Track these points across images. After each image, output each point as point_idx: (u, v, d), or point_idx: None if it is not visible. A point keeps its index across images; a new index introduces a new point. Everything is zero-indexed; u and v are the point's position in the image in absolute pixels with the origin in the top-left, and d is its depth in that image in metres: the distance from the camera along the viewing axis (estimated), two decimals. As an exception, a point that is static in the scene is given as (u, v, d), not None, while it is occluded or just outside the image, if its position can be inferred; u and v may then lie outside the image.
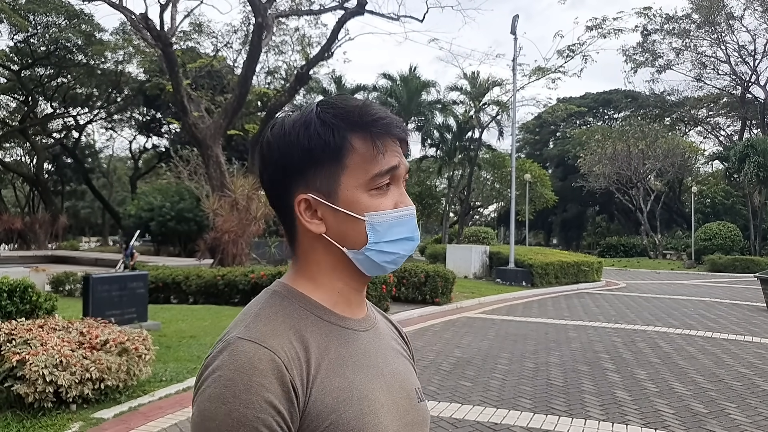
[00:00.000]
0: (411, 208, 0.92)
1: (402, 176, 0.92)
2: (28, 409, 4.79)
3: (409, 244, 0.92)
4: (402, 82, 32.77)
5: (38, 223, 31.68)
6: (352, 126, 0.88)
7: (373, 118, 0.89)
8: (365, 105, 0.91)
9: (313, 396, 0.83)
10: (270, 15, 18.28)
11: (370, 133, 0.88)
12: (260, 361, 0.80)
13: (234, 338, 0.84)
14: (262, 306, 0.90)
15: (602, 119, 52.82)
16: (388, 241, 0.90)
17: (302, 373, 0.83)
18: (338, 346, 0.89)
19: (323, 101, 0.92)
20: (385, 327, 1.04)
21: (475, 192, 38.14)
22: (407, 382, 0.97)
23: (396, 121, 0.91)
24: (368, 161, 0.88)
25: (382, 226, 0.89)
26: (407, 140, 0.94)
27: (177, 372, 6.33)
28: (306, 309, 0.90)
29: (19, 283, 6.40)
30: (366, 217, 0.89)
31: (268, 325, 0.85)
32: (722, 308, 13.51)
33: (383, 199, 0.89)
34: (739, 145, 33.34)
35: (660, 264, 32.39)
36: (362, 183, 0.88)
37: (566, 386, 6.41)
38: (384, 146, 0.89)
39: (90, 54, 34.53)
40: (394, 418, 0.90)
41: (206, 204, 17.16)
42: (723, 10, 38.08)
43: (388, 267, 0.92)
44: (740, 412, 5.54)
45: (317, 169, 0.89)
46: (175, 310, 10.97)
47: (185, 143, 29.33)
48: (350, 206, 0.89)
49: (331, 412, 0.83)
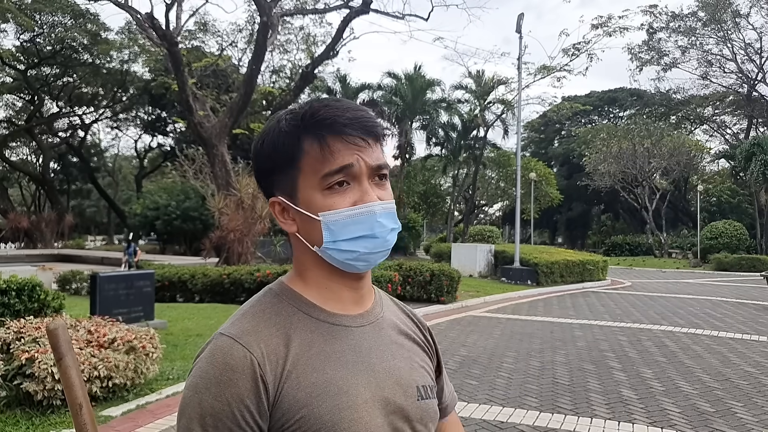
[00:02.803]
0: (370, 205, 0.91)
1: (363, 173, 0.91)
2: (36, 407, 4.82)
3: (370, 241, 0.91)
4: (407, 80, 32.73)
5: (44, 222, 31.83)
6: (302, 130, 0.91)
7: (319, 119, 0.91)
8: (315, 106, 0.93)
9: (284, 391, 0.86)
10: (275, 14, 18.30)
11: (317, 134, 0.90)
12: (232, 356, 0.85)
13: (217, 334, 0.90)
14: (252, 304, 0.95)
15: (607, 118, 52.66)
16: (345, 239, 0.91)
17: (276, 368, 0.86)
18: (323, 342, 0.91)
19: (289, 108, 0.97)
20: (392, 323, 1.03)
21: (480, 191, 38.11)
22: (406, 379, 0.97)
23: (347, 119, 0.91)
24: (318, 162, 0.90)
25: (336, 225, 0.90)
26: (375, 136, 0.93)
27: (184, 370, 6.36)
28: (295, 306, 0.94)
29: (27, 282, 6.43)
30: (320, 217, 0.91)
31: (251, 323, 0.90)
32: (728, 307, 13.47)
33: (338, 197, 0.91)
34: (745, 144, 33.20)
35: (666, 263, 32.29)
36: (315, 183, 0.91)
37: (572, 385, 6.41)
38: (332, 146, 0.90)
39: (96, 53, 34.65)
40: (380, 414, 0.91)
41: (212, 203, 17.20)
42: (729, 7, 37.90)
43: (356, 264, 0.93)
44: (747, 411, 5.53)
45: (281, 174, 0.94)
46: (181, 309, 11.01)
47: (190, 142, 29.40)
48: (308, 207, 0.92)
49: (302, 407, 0.86)
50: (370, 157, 0.92)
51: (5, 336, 5.14)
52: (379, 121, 0.96)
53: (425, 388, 1.00)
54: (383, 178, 0.95)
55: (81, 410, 0.99)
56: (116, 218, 44.27)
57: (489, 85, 33.19)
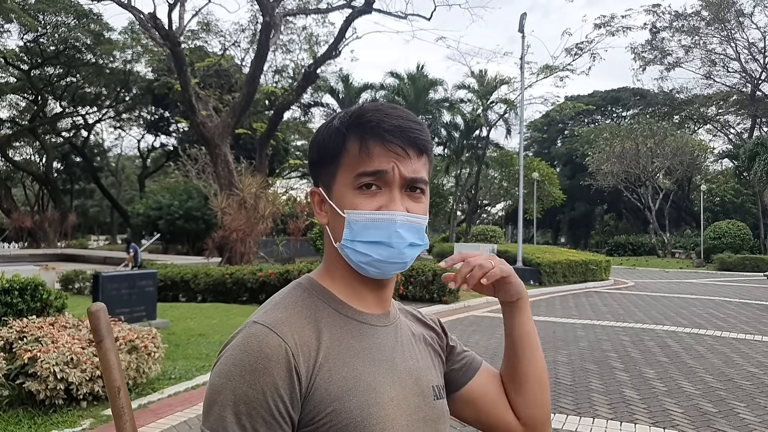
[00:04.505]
0: (392, 213, 0.91)
1: (395, 182, 0.92)
2: (39, 406, 4.83)
3: (385, 249, 0.92)
4: (409, 80, 32.74)
5: (48, 222, 31.93)
6: (349, 129, 0.94)
7: (364, 120, 0.94)
8: (365, 108, 0.96)
9: (317, 383, 0.87)
10: (278, 14, 18.32)
11: (359, 135, 0.93)
12: (268, 345, 0.85)
13: (251, 322, 0.90)
14: (284, 296, 0.96)
15: (610, 117, 52.56)
16: (362, 241, 0.92)
17: (309, 360, 0.87)
18: (351, 338, 0.93)
19: (351, 108, 0.99)
20: (407, 325, 1.06)
21: (482, 190, 38.09)
22: (423, 380, 0.99)
23: (391, 125, 0.93)
24: (356, 161, 0.92)
25: (357, 225, 0.92)
26: (416, 149, 0.94)
27: (186, 370, 6.36)
28: (324, 301, 0.95)
29: (29, 281, 6.44)
30: (345, 214, 0.93)
31: (284, 313, 0.91)
32: (731, 307, 13.43)
33: (365, 199, 0.92)
34: (749, 143, 33.11)
35: (669, 263, 32.23)
36: (349, 181, 0.93)
37: (574, 385, 6.40)
38: (372, 149, 0.92)
39: (99, 53, 34.73)
40: (404, 413, 0.93)
41: (214, 202, 17.22)
42: (733, 7, 37.82)
43: (368, 269, 0.94)
44: (750, 411, 5.51)
45: (325, 167, 0.97)
46: (183, 308, 11.03)
47: (193, 142, 29.46)
48: (338, 202, 0.94)
49: (334, 400, 0.87)
50: (406, 168, 0.93)
51: (8, 335, 5.15)
52: (426, 135, 0.97)
53: (438, 388, 1.03)
54: (419, 191, 0.96)
55: (119, 393, 1.00)
56: (119, 218, 44.35)
57: (492, 84, 33.17)
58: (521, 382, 1.09)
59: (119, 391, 1.00)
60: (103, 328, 1.01)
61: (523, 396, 1.10)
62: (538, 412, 1.10)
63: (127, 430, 1.00)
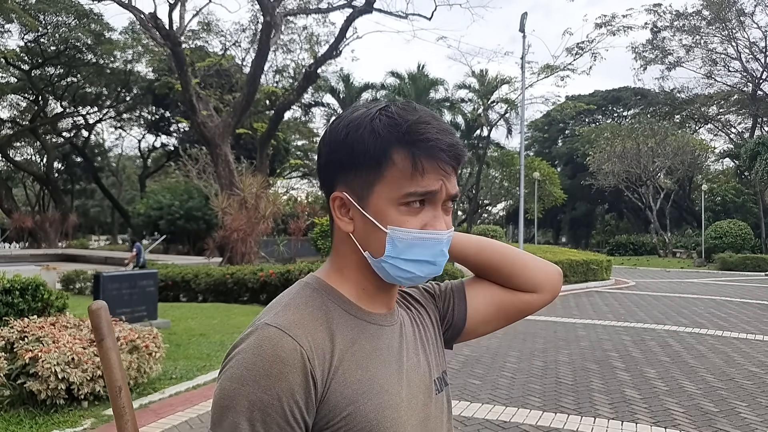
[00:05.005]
0: (440, 233, 0.90)
1: (441, 200, 0.90)
2: (40, 406, 4.84)
3: (428, 267, 0.91)
4: (410, 80, 32.76)
5: (48, 222, 31.94)
6: (397, 140, 0.88)
7: (420, 137, 0.87)
8: (418, 121, 0.89)
9: (332, 387, 0.85)
10: (278, 14, 18.32)
11: (413, 152, 0.87)
12: (283, 348, 0.82)
13: (262, 324, 0.86)
14: (292, 296, 0.92)
15: (611, 117, 52.53)
16: (406, 259, 0.89)
17: (324, 363, 0.85)
18: (364, 339, 0.91)
19: (386, 106, 0.92)
20: (407, 317, 1.05)
21: (483, 190, 38.11)
22: (426, 376, 0.99)
23: (446, 144, 0.88)
24: (405, 178, 0.87)
25: (402, 243, 0.88)
26: (459, 164, 0.92)
27: (187, 370, 6.37)
28: (334, 302, 0.93)
29: (30, 281, 6.44)
30: (388, 230, 0.89)
31: (296, 315, 0.88)
32: (733, 307, 13.42)
33: (412, 217, 0.89)
34: (750, 143, 33.08)
35: (670, 262, 32.21)
36: (394, 197, 0.88)
37: (575, 384, 6.40)
38: (425, 168, 0.87)
39: (99, 53, 34.75)
40: (413, 414, 0.93)
41: (215, 202, 17.23)
42: (734, 6, 37.78)
43: (403, 282, 0.93)
44: (751, 411, 5.51)
45: (357, 172, 0.90)
46: (184, 308, 11.03)
47: (194, 142, 29.46)
48: (377, 215, 0.89)
49: (349, 404, 0.85)
50: (451, 185, 0.91)
51: (9, 335, 5.15)
52: (466, 148, 0.94)
53: (440, 379, 1.03)
54: (453, 203, 0.95)
55: (120, 393, 0.98)
56: (120, 218, 44.39)
57: (492, 84, 33.19)
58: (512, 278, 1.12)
59: (120, 391, 0.99)
60: (104, 327, 1.00)
61: (521, 280, 1.12)
62: (541, 276, 1.13)
63: (128, 429, 0.99)
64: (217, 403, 0.83)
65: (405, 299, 1.10)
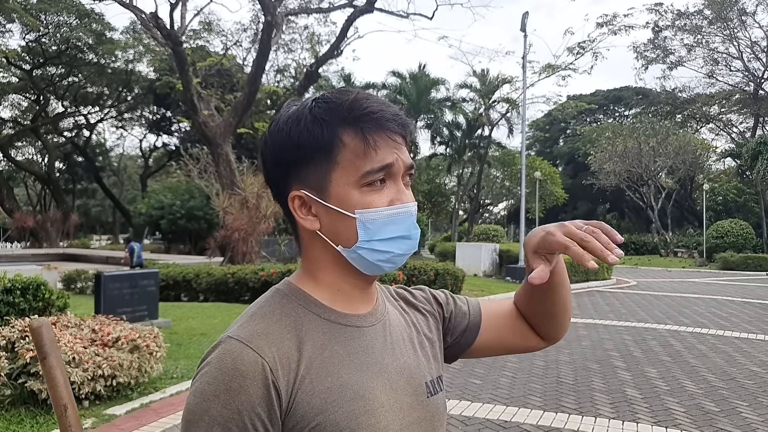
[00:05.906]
0: (408, 205, 0.88)
1: (400, 172, 0.88)
2: (41, 406, 4.84)
3: (405, 242, 0.88)
4: (411, 79, 32.75)
5: (50, 222, 31.94)
6: (341, 121, 0.86)
7: (363, 112, 0.85)
8: (356, 98, 0.87)
9: (299, 397, 0.82)
10: (279, 13, 18.31)
11: (361, 128, 0.85)
12: (242, 362, 0.80)
13: (226, 337, 0.84)
14: (261, 305, 0.90)
15: (613, 116, 52.53)
16: (380, 239, 0.87)
17: (289, 373, 0.82)
18: (336, 344, 0.87)
19: (318, 96, 0.90)
20: (396, 316, 1.00)
21: (484, 190, 38.08)
22: (415, 378, 0.94)
23: (391, 114, 0.87)
24: (359, 158, 0.85)
25: (374, 224, 0.86)
26: (408, 134, 0.90)
27: (188, 369, 6.37)
28: (305, 307, 0.89)
29: (31, 281, 6.45)
30: (356, 215, 0.86)
31: (261, 324, 0.85)
32: (734, 306, 13.41)
33: (376, 195, 0.86)
34: (751, 142, 33.04)
35: (671, 262, 32.19)
36: (353, 180, 0.86)
37: (576, 384, 6.40)
38: (376, 142, 0.85)
39: (100, 53, 34.77)
40: (396, 417, 0.88)
41: (216, 202, 17.23)
42: (735, 5, 37.74)
43: (384, 266, 0.89)
44: (752, 410, 5.50)
45: (309, 166, 0.87)
46: (185, 308, 11.03)
47: (195, 141, 29.49)
48: (341, 203, 0.86)
49: (317, 413, 0.82)
50: (404, 156, 0.89)
51: (10, 335, 5.15)
52: (411, 118, 0.92)
53: (433, 383, 0.98)
54: (411, 177, 0.92)
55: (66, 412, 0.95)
56: (121, 218, 44.41)
57: (494, 84, 33.17)
58: (550, 317, 1.12)
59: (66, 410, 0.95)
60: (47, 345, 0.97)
61: (552, 324, 1.12)
62: (562, 329, 1.14)
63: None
64: (184, 418, 0.82)
65: (406, 301, 1.07)
